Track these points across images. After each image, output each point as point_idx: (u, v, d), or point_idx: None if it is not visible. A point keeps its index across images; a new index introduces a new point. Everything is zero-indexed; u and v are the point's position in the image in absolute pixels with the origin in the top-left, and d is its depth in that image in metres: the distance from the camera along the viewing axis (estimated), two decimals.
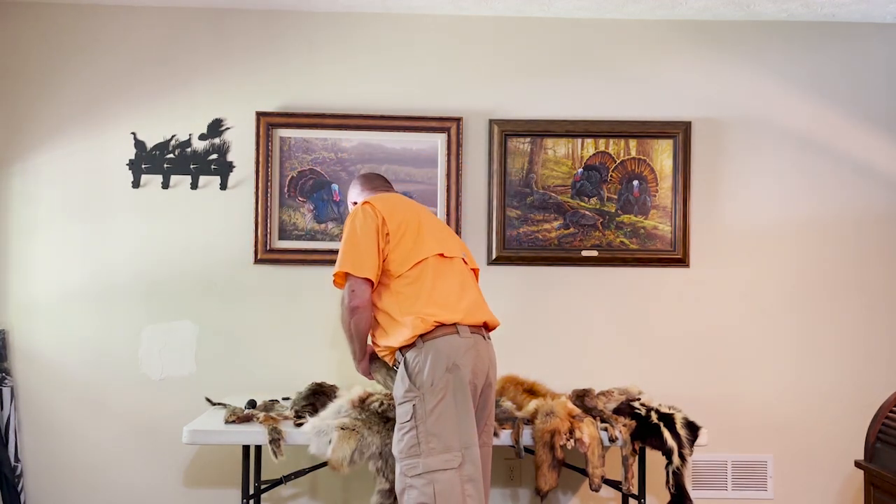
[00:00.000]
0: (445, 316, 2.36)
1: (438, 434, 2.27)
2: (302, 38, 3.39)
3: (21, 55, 3.34)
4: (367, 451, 2.52)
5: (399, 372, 2.39)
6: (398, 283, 2.43)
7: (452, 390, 2.30)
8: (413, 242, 2.46)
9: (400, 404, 2.36)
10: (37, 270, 3.33)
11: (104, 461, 3.33)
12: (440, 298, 2.41)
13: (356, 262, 2.42)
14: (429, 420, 2.28)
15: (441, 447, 2.26)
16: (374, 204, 2.49)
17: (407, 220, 2.49)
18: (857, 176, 3.43)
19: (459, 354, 2.33)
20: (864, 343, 3.42)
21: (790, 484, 3.40)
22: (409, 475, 2.27)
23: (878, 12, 3.33)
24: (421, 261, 2.44)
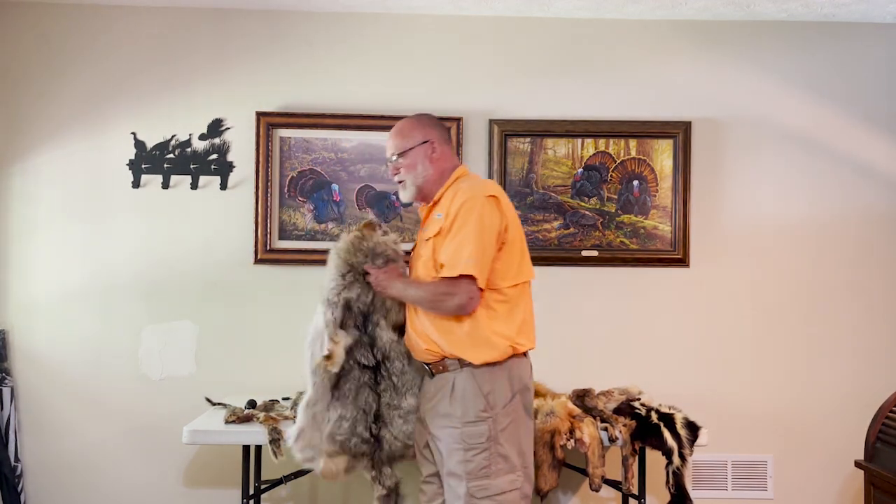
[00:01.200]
0: (529, 346, 2.34)
1: (507, 455, 2.22)
2: (302, 38, 3.39)
3: (21, 55, 3.34)
4: (360, 463, 2.43)
5: (468, 391, 2.23)
6: (492, 296, 2.23)
7: (521, 411, 2.29)
8: (520, 258, 2.29)
9: (471, 423, 2.22)
10: (37, 270, 3.33)
11: (104, 461, 3.33)
12: (529, 328, 2.33)
13: (482, 268, 2.17)
14: (500, 441, 2.22)
15: (507, 468, 2.22)
16: (501, 201, 2.25)
17: (518, 230, 2.30)
18: (857, 176, 3.43)
19: (527, 376, 2.34)
20: (864, 343, 3.42)
21: (790, 484, 3.40)
22: (478, 496, 2.19)
23: (878, 12, 3.33)
24: (523, 283, 2.30)
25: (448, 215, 2.23)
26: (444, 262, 2.20)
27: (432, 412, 2.30)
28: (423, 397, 2.36)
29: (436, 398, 2.29)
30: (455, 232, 2.20)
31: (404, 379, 2.40)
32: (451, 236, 2.21)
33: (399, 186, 2.41)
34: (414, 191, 2.37)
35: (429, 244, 2.28)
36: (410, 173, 2.35)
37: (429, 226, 2.33)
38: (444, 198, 2.31)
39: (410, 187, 2.36)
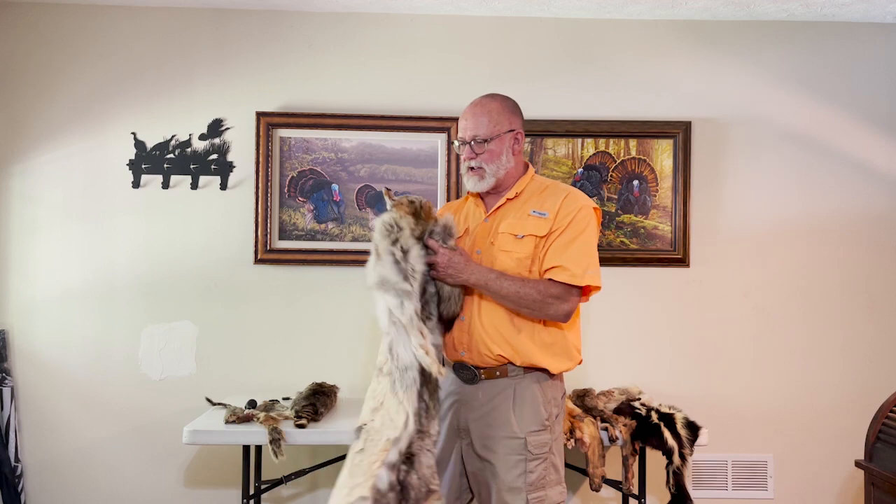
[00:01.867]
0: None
1: (557, 466, 2.18)
2: (302, 38, 3.39)
3: (21, 55, 3.34)
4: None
5: (533, 398, 2.15)
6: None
7: (561, 423, 2.26)
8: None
9: (535, 433, 2.13)
10: (37, 270, 3.33)
11: (104, 461, 3.33)
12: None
13: (597, 276, 2.13)
14: (554, 451, 2.17)
15: (557, 479, 2.16)
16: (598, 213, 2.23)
17: None
18: (857, 176, 3.43)
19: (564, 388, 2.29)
20: (864, 343, 3.42)
21: (790, 484, 3.40)
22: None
23: (878, 12, 3.33)
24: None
25: (559, 216, 2.13)
26: (563, 265, 2.09)
27: (481, 422, 2.13)
28: (467, 407, 2.16)
29: (489, 406, 2.13)
30: (573, 236, 2.12)
31: (437, 397, 2.08)
32: (566, 239, 2.12)
33: (469, 173, 2.19)
34: (493, 182, 2.19)
35: (525, 241, 2.13)
36: (493, 162, 2.17)
37: (513, 219, 2.16)
38: (540, 195, 2.19)
39: (490, 178, 2.18)
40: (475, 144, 2.16)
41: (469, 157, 2.18)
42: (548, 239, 2.13)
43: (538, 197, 2.19)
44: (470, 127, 2.18)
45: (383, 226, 2.07)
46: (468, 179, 2.20)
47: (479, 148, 2.16)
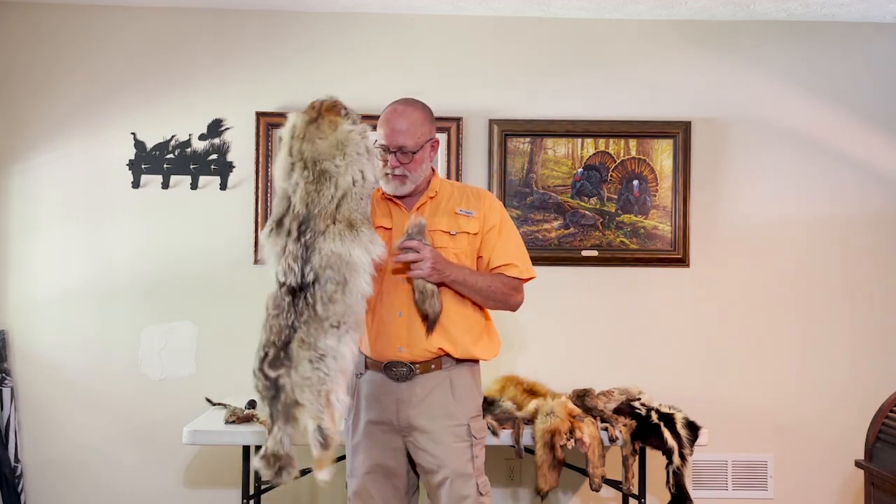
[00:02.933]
0: None
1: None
2: (302, 38, 3.39)
3: (21, 55, 3.34)
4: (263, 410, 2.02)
5: (469, 386, 2.25)
6: None
7: None
8: None
9: (475, 418, 2.24)
10: (37, 270, 3.33)
11: (104, 461, 3.33)
12: None
13: (532, 269, 2.31)
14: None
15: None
16: None
17: None
18: (856, 176, 3.43)
19: None
20: (864, 343, 3.42)
21: (790, 484, 3.40)
22: (483, 493, 2.19)
23: (878, 12, 3.33)
24: None
25: (488, 216, 2.26)
26: (512, 262, 2.24)
27: (425, 415, 2.17)
28: (406, 404, 2.17)
29: (428, 400, 2.18)
30: (507, 234, 2.27)
31: (333, 310, 1.96)
32: (503, 237, 2.26)
33: (390, 178, 2.21)
34: (412, 188, 2.24)
35: (458, 238, 2.22)
36: (416, 171, 2.22)
37: (441, 217, 2.23)
38: (461, 195, 2.28)
39: (411, 184, 2.23)
40: (400, 154, 2.19)
41: (394, 165, 2.19)
42: (481, 236, 2.25)
43: (458, 196, 2.28)
44: (397, 136, 2.19)
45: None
46: (388, 183, 2.22)
47: (405, 158, 2.19)
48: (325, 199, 1.97)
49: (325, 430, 1.93)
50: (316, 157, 1.99)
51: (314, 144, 2.00)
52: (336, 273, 1.95)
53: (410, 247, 2.10)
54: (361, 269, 1.98)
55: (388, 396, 2.19)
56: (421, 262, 2.09)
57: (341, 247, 1.96)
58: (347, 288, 1.96)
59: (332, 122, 2.04)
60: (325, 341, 1.94)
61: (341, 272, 1.95)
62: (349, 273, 1.95)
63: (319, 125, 2.03)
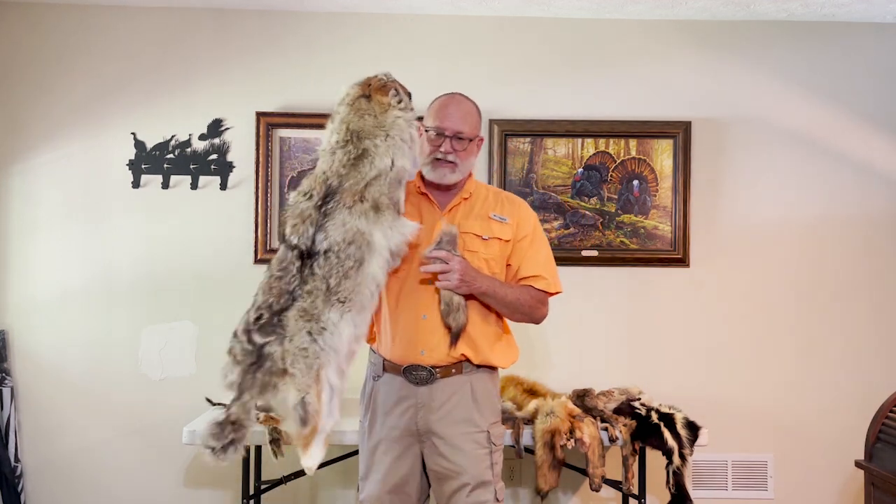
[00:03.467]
0: None
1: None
2: (302, 38, 3.39)
3: (21, 55, 3.34)
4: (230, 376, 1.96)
5: (489, 392, 2.21)
6: None
7: None
8: None
9: (496, 424, 2.22)
10: (37, 270, 3.33)
11: (104, 461, 3.33)
12: None
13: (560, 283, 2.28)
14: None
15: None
16: None
17: None
18: (856, 176, 3.43)
19: None
20: (865, 343, 3.42)
21: (790, 484, 3.40)
22: (500, 499, 2.17)
23: (878, 12, 3.33)
24: None
25: (521, 224, 2.23)
26: (541, 274, 2.22)
27: (445, 421, 2.13)
28: (426, 409, 2.13)
29: (450, 404, 2.13)
30: (539, 245, 2.25)
31: (344, 285, 1.92)
32: (535, 248, 2.24)
33: (439, 164, 2.16)
34: (459, 177, 2.20)
35: (490, 243, 2.19)
36: (466, 161, 2.19)
37: (474, 220, 2.19)
38: (495, 200, 2.26)
39: (458, 174, 2.19)
40: (456, 140, 2.16)
41: (448, 150, 2.15)
42: (513, 244, 2.21)
43: (493, 201, 2.25)
44: (456, 121, 2.17)
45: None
46: (436, 170, 2.17)
47: (460, 145, 2.16)
48: (358, 176, 1.96)
49: (307, 405, 1.87)
50: (360, 133, 1.98)
51: (362, 120, 1.99)
52: (357, 250, 1.92)
53: (438, 257, 2.06)
54: (377, 253, 1.95)
55: (407, 401, 2.15)
56: (449, 274, 2.06)
57: (364, 226, 1.94)
58: (362, 268, 1.93)
59: (381, 104, 2.01)
60: (328, 315, 1.90)
61: (361, 250, 1.93)
62: (368, 253, 1.94)
63: (370, 102, 2.01)
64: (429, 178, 2.20)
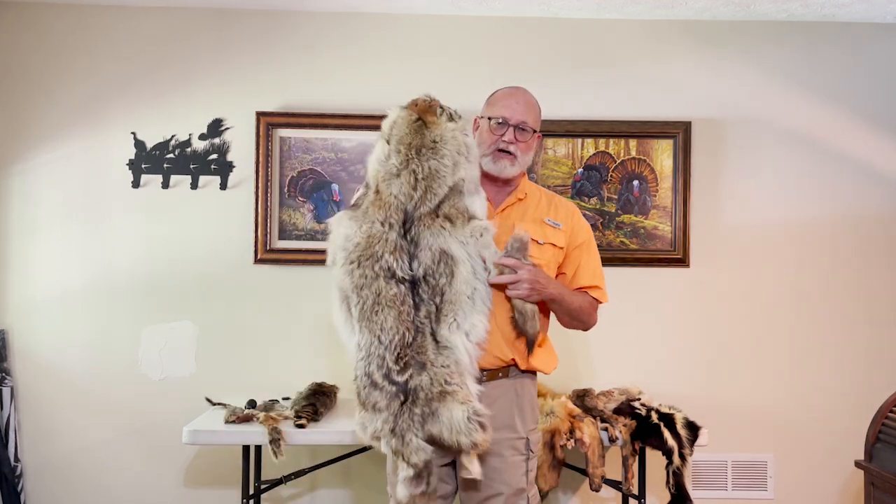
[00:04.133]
0: None
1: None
2: (302, 38, 3.39)
3: (21, 55, 3.34)
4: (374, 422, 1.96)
5: (531, 397, 2.20)
6: None
7: None
8: None
9: (533, 431, 2.18)
10: (37, 270, 3.33)
11: (104, 461, 3.32)
12: None
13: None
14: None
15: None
16: None
17: None
18: (857, 176, 3.43)
19: None
20: (865, 343, 3.42)
21: (790, 484, 3.40)
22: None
23: (878, 12, 3.32)
24: None
25: (575, 232, 2.22)
26: (597, 284, 2.23)
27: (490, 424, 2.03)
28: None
29: (494, 408, 2.04)
30: (594, 253, 2.25)
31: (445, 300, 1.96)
32: (591, 256, 2.24)
33: (500, 155, 2.14)
34: (516, 173, 2.17)
35: (545, 248, 2.15)
36: (525, 155, 2.17)
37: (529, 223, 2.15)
38: (548, 204, 2.23)
39: (518, 167, 2.16)
40: (518, 131, 2.14)
41: (510, 140, 2.13)
42: (567, 252, 2.20)
43: (546, 205, 2.23)
44: (520, 111, 2.15)
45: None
46: (496, 162, 2.14)
47: (522, 136, 2.14)
48: (432, 196, 1.98)
49: (479, 411, 1.92)
50: (421, 152, 1.99)
51: (422, 140, 2.00)
52: (444, 266, 1.96)
53: (507, 265, 2.01)
54: (461, 263, 1.97)
55: None
56: (518, 283, 2.01)
57: (443, 241, 1.96)
58: (454, 280, 1.96)
59: (434, 123, 2.03)
60: (441, 332, 1.95)
61: (448, 265, 1.96)
62: (454, 265, 1.96)
63: (423, 122, 2.03)
64: (487, 170, 2.14)
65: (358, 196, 2.07)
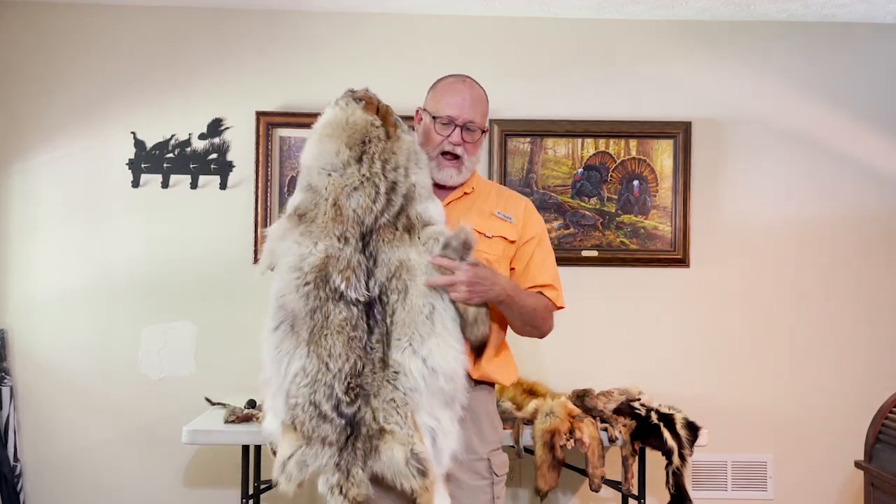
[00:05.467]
0: None
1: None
2: (302, 38, 3.39)
3: (21, 55, 3.34)
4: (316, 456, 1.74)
5: (490, 413, 1.98)
6: None
7: None
8: None
9: (496, 451, 1.96)
10: (37, 270, 3.33)
11: (104, 461, 3.32)
12: None
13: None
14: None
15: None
16: None
17: None
18: (857, 176, 3.43)
19: None
20: (864, 343, 3.42)
21: (790, 484, 3.40)
22: None
23: (878, 12, 3.32)
24: None
25: (528, 226, 2.02)
26: (552, 283, 2.02)
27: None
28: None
29: None
30: (547, 250, 2.05)
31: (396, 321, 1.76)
32: (544, 253, 2.03)
33: (445, 161, 1.96)
34: (465, 177, 1.99)
35: (494, 242, 1.97)
36: (473, 156, 1.99)
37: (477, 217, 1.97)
38: (497, 197, 2.04)
39: (465, 173, 1.98)
40: (466, 132, 1.95)
41: (456, 142, 1.94)
42: (517, 246, 2.01)
43: (495, 198, 2.04)
44: (467, 110, 1.95)
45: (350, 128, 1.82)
46: (440, 171, 1.95)
47: (470, 136, 1.96)
48: (392, 208, 1.80)
49: (418, 455, 1.69)
50: (388, 166, 1.81)
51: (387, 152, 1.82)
52: (398, 281, 1.77)
53: (442, 265, 1.78)
54: (419, 273, 1.78)
55: None
56: (455, 286, 1.78)
57: (401, 253, 1.78)
58: (408, 296, 1.76)
59: (395, 132, 1.85)
60: (393, 357, 1.74)
61: (402, 279, 1.77)
62: (409, 278, 1.77)
63: (388, 132, 1.84)
64: (434, 180, 1.95)
65: (301, 202, 1.83)
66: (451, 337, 1.79)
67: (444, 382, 1.74)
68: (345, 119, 1.85)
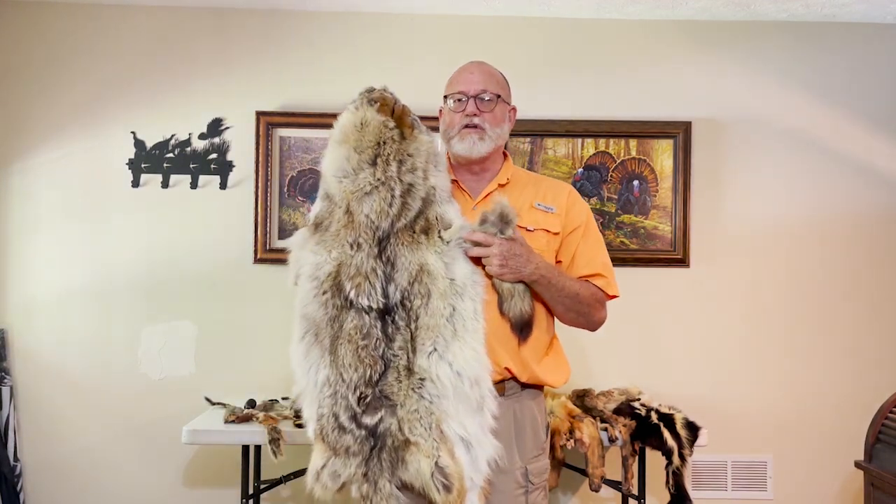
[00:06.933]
0: None
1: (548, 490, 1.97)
2: (302, 37, 3.39)
3: (21, 55, 3.34)
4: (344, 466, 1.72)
5: (534, 419, 1.92)
6: None
7: None
8: None
9: (535, 458, 1.90)
10: (37, 270, 3.33)
11: (103, 461, 3.32)
12: None
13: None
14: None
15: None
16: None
17: None
18: (857, 176, 3.43)
19: None
20: (865, 343, 3.42)
21: (790, 484, 3.40)
22: None
23: (879, 12, 3.32)
24: None
25: (571, 214, 1.95)
26: (602, 273, 1.96)
27: None
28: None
29: None
30: (595, 237, 1.98)
31: (420, 325, 1.73)
32: (590, 241, 1.96)
33: (465, 132, 1.90)
34: (491, 147, 1.91)
35: (536, 235, 1.90)
36: (496, 127, 1.92)
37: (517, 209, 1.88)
38: (536, 187, 1.98)
39: (489, 142, 1.91)
40: (481, 102, 1.91)
41: (471, 112, 1.89)
42: (562, 237, 1.94)
43: (534, 188, 1.98)
44: (476, 81, 1.93)
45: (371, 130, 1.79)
46: (462, 141, 1.89)
47: (485, 106, 1.91)
48: (408, 212, 1.77)
49: (444, 469, 1.65)
50: (404, 167, 1.78)
51: (403, 154, 1.79)
52: (420, 285, 1.73)
53: (475, 241, 1.75)
54: (439, 277, 1.74)
55: None
56: (489, 259, 1.75)
57: (420, 256, 1.74)
58: (430, 300, 1.72)
59: (411, 136, 1.82)
60: (418, 363, 1.70)
61: (424, 283, 1.73)
62: (431, 282, 1.74)
63: (403, 133, 1.81)
64: (456, 153, 1.91)
65: (319, 212, 1.84)
66: (473, 339, 1.74)
67: (469, 388, 1.70)
68: (356, 122, 1.82)
